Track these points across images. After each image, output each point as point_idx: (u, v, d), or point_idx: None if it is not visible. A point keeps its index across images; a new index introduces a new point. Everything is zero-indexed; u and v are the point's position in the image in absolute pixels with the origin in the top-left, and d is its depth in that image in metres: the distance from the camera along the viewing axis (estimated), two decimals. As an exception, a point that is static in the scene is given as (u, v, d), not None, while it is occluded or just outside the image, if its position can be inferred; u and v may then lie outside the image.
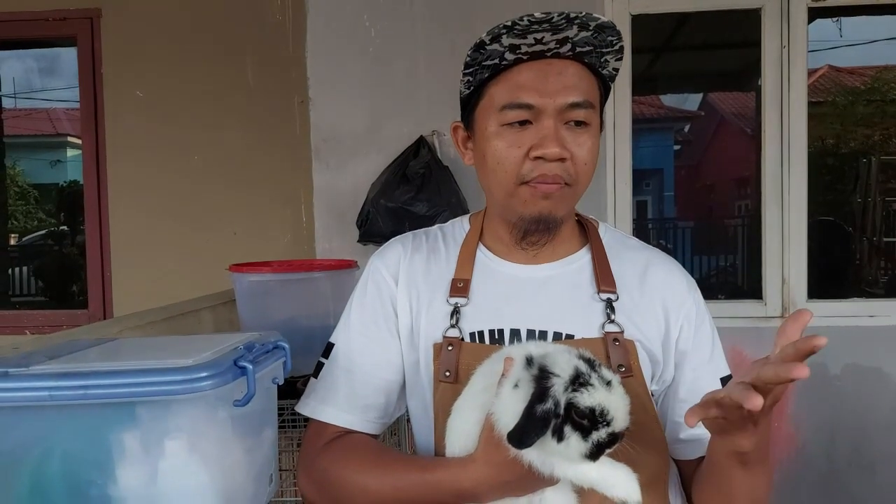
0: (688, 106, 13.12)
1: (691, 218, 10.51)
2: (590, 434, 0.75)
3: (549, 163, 0.93)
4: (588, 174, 0.97)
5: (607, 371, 0.78)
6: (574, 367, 0.77)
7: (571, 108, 0.93)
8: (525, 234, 1.00)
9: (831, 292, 2.79)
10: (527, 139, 0.93)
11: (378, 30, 2.46)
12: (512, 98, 0.94)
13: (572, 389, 0.75)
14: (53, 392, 0.73)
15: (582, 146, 0.95)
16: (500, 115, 0.95)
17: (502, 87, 0.95)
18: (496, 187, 0.98)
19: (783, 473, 2.43)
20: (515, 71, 0.94)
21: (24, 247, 9.46)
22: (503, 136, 0.95)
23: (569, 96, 0.93)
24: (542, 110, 0.93)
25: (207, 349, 0.82)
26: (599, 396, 0.75)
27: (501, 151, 0.95)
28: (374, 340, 1.04)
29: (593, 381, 0.76)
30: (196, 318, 1.79)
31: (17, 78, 9.35)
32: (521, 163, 0.94)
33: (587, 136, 0.95)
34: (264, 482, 0.93)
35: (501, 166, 0.95)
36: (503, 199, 0.99)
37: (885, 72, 8.50)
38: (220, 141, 3.26)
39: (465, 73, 0.97)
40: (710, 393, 0.79)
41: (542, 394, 0.75)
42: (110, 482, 0.76)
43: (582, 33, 0.91)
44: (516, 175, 0.95)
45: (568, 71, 0.94)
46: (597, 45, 0.94)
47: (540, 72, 0.93)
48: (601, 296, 0.99)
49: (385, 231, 2.27)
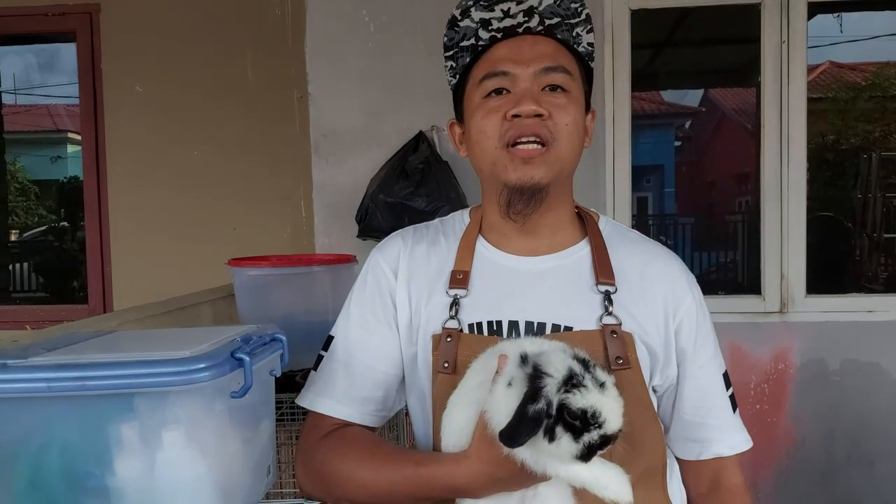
0: (688, 102, 13.12)
1: (692, 214, 10.52)
2: (581, 435, 0.75)
3: (527, 120, 0.95)
4: (569, 137, 0.97)
5: (602, 372, 0.78)
6: (568, 367, 0.77)
7: (546, 71, 0.96)
8: (510, 202, 0.99)
9: (830, 288, 2.79)
10: (505, 105, 0.96)
11: (377, 25, 2.46)
12: (489, 69, 0.98)
13: (565, 390, 0.75)
14: (52, 383, 0.73)
15: (560, 108, 0.96)
16: (480, 88, 0.99)
17: (481, 66, 1.00)
18: (482, 159, 1.00)
19: (782, 468, 2.44)
20: (492, 50, 0.99)
21: (24, 243, 9.48)
22: (483, 106, 0.98)
23: (543, 62, 0.97)
24: (517, 76, 0.96)
25: (205, 341, 0.82)
26: (592, 398, 0.75)
27: (482, 120, 0.98)
28: (373, 334, 1.05)
29: (586, 383, 0.76)
30: (195, 313, 1.79)
31: (17, 74, 9.35)
32: (500, 126, 0.96)
33: (566, 100, 0.97)
34: (262, 473, 0.94)
35: (483, 134, 0.98)
36: (489, 170, 0.99)
37: (886, 68, 8.49)
38: (220, 136, 3.26)
39: (446, 57, 1.02)
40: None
41: (534, 393, 0.75)
42: (108, 473, 0.76)
43: (545, 1, 0.97)
44: (497, 139, 0.96)
45: (542, 43, 0.98)
46: (563, 16, 0.98)
47: (514, 45, 0.98)
48: (599, 288, 0.99)
49: (384, 226, 2.27)
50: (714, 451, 1.02)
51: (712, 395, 1.02)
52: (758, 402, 2.43)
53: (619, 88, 2.45)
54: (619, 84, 2.44)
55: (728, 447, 1.03)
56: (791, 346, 2.42)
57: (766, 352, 2.43)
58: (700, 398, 1.02)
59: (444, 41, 1.01)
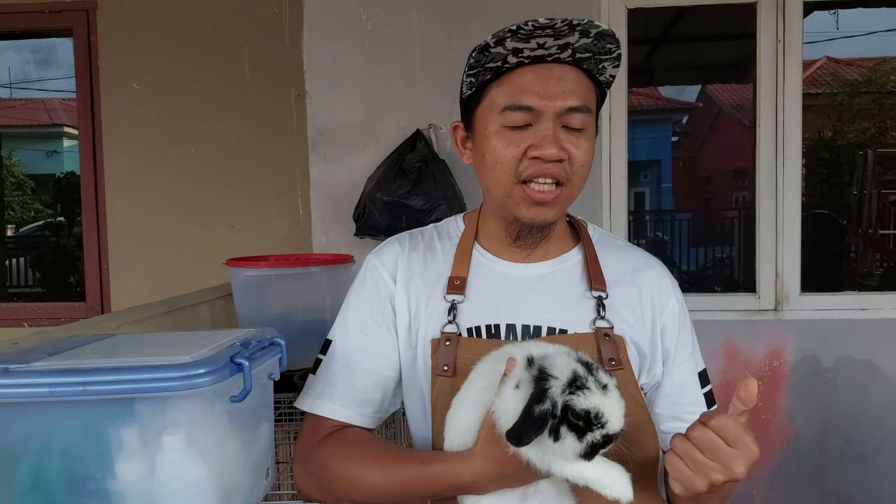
0: (686, 97, 13.11)
1: (689, 209, 10.53)
2: (585, 435, 0.77)
3: (547, 163, 0.96)
4: (583, 176, 1.00)
5: (604, 374, 0.81)
6: (572, 370, 0.79)
7: (570, 112, 0.96)
8: (518, 235, 1.04)
9: (825, 285, 2.81)
10: (525, 139, 0.97)
11: (375, 23, 2.46)
12: (513, 100, 0.96)
13: (569, 392, 0.78)
14: (54, 388, 0.74)
15: (579, 148, 0.98)
16: (501, 116, 0.98)
17: (503, 90, 0.98)
18: (494, 186, 1.01)
19: (776, 464, 2.46)
20: (517, 73, 0.97)
21: (20, 237, 9.45)
22: (502, 136, 0.98)
23: (567, 100, 0.96)
24: (541, 112, 0.96)
25: (205, 346, 0.83)
26: (595, 399, 0.78)
27: (500, 151, 0.98)
28: (371, 337, 1.06)
29: (590, 385, 0.78)
30: (194, 313, 1.80)
31: (12, 68, 9.31)
32: (518, 162, 0.97)
33: (583, 139, 0.99)
34: (261, 475, 0.95)
35: (500, 165, 0.98)
36: (500, 199, 1.02)
37: (883, 63, 8.50)
38: (217, 134, 3.26)
39: (469, 73, 1.00)
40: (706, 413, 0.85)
41: (540, 395, 0.78)
42: (109, 476, 0.77)
43: (583, 40, 0.94)
44: (514, 174, 0.98)
45: (567, 76, 0.97)
46: (595, 52, 0.97)
47: (540, 76, 0.96)
48: (592, 293, 1.04)
49: (382, 225, 2.28)
50: None
51: (687, 392, 1.07)
52: (752, 400, 2.44)
53: (616, 85, 2.44)
54: (616, 81, 2.43)
55: None
56: (785, 343, 2.44)
57: (760, 349, 2.44)
58: (676, 395, 1.06)
59: (471, 62, 0.98)
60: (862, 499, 2.44)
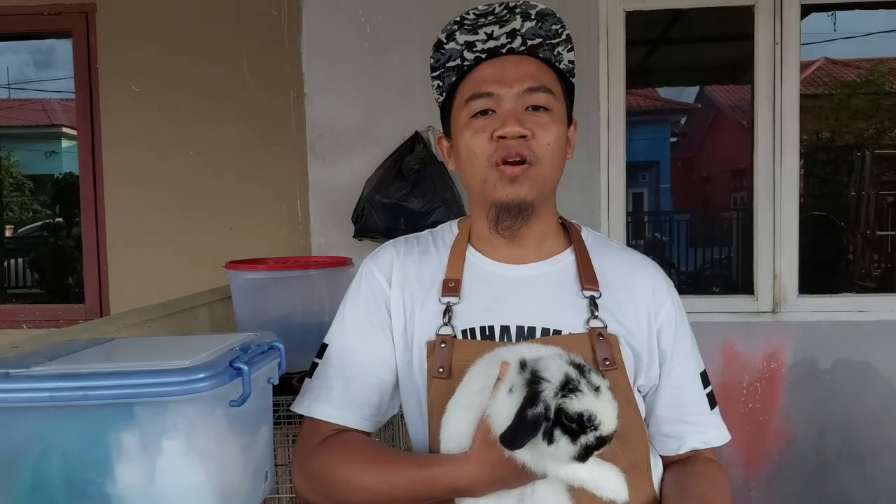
0: (684, 98, 13.12)
1: (687, 210, 10.53)
2: (578, 437, 0.78)
3: (511, 141, 0.99)
4: (552, 156, 1.02)
5: (597, 376, 0.81)
6: (564, 373, 0.80)
7: (529, 92, 1.01)
8: (498, 219, 1.04)
9: (823, 287, 2.81)
10: (491, 125, 1.00)
11: (373, 25, 2.46)
12: (475, 90, 1.02)
13: (562, 395, 0.78)
14: (54, 393, 0.75)
15: (543, 126, 1.01)
16: (467, 107, 1.03)
17: (467, 85, 1.04)
18: (472, 176, 1.04)
19: (774, 466, 2.46)
20: (477, 69, 1.04)
21: (19, 238, 9.44)
22: (470, 126, 1.02)
23: (526, 82, 1.01)
24: (501, 97, 1.01)
25: (204, 350, 0.83)
26: (588, 402, 0.78)
27: (469, 140, 1.02)
28: (367, 340, 1.07)
29: (582, 387, 0.78)
30: (193, 316, 1.80)
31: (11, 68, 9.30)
32: (487, 146, 1.00)
33: (549, 118, 1.02)
34: (260, 479, 0.95)
35: (473, 153, 1.02)
36: (479, 187, 1.04)
37: (880, 64, 8.51)
38: (216, 136, 3.26)
39: (433, 76, 1.06)
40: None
41: (533, 398, 0.78)
42: (109, 481, 0.77)
43: (527, 23, 1.01)
44: (486, 158, 1.01)
45: (525, 63, 1.03)
46: (545, 37, 1.02)
47: (499, 65, 1.03)
48: (585, 293, 1.04)
49: (380, 227, 2.28)
50: (690, 446, 1.07)
51: (688, 393, 1.07)
52: (750, 401, 2.45)
53: (614, 88, 2.46)
54: (614, 84, 2.45)
55: (701, 442, 1.07)
56: (783, 345, 2.44)
57: (758, 351, 2.45)
58: (677, 396, 1.07)
59: (431, 62, 1.06)
60: (860, 500, 2.45)
